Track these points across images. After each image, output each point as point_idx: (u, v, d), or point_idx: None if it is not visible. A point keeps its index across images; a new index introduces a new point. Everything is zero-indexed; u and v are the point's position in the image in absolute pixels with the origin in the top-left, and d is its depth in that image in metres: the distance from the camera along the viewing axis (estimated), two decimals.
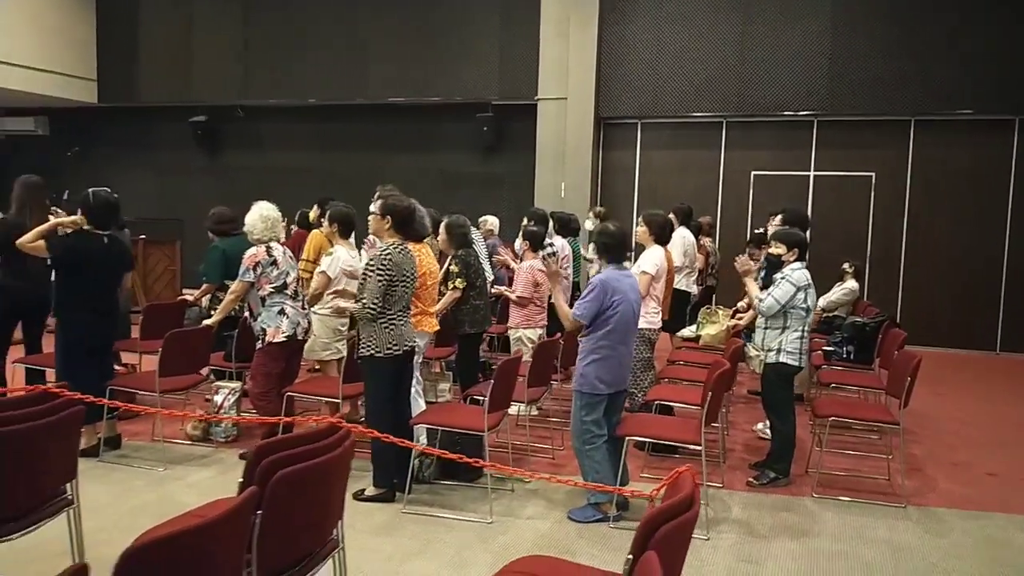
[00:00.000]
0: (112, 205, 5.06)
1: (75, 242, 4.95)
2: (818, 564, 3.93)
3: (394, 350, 4.48)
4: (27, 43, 12.13)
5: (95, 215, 4.98)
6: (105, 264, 5.00)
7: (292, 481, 2.35)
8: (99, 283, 5.00)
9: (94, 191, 5.03)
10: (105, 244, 4.99)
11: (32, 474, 2.86)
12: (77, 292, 4.89)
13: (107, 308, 5.09)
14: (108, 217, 5.07)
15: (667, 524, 2.04)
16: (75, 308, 4.91)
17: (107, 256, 5.03)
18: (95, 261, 4.93)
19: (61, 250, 4.86)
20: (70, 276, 4.93)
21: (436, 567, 3.74)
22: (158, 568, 1.91)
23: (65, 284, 4.96)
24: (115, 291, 5.15)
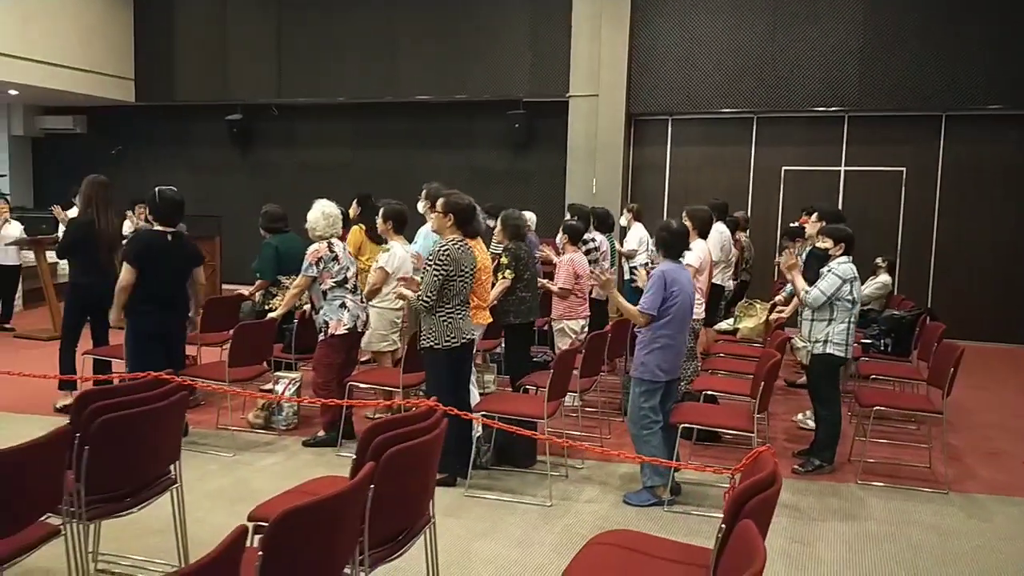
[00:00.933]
0: (176, 203, 5.28)
1: (141, 241, 5.19)
2: (868, 546, 4.10)
3: (452, 342, 4.68)
4: (68, 44, 12.42)
5: (160, 213, 5.21)
6: (168, 260, 5.21)
7: (401, 458, 2.56)
8: (163, 278, 5.21)
9: (160, 190, 5.25)
10: (169, 241, 5.21)
11: (147, 454, 3.09)
12: (143, 287, 5.09)
13: (171, 301, 5.31)
14: (173, 215, 5.30)
15: (755, 498, 2.23)
16: (141, 301, 5.12)
17: (171, 252, 5.25)
18: (159, 257, 5.14)
19: (131, 252, 5.10)
20: (139, 270, 5.15)
21: (504, 546, 3.95)
22: (304, 529, 2.12)
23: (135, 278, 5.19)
24: (181, 285, 5.35)
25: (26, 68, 11.76)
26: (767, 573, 3.62)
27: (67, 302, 6.12)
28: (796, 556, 3.95)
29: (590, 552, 2.65)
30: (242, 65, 13.21)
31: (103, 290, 6.07)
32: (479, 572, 3.67)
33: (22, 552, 2.67)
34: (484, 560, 3.79)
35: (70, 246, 6.01)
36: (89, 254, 5.92)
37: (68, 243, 6.03)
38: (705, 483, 4.86)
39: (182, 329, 5.49)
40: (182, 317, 5.48)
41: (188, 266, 5.41)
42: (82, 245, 5.91)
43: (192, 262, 5.48)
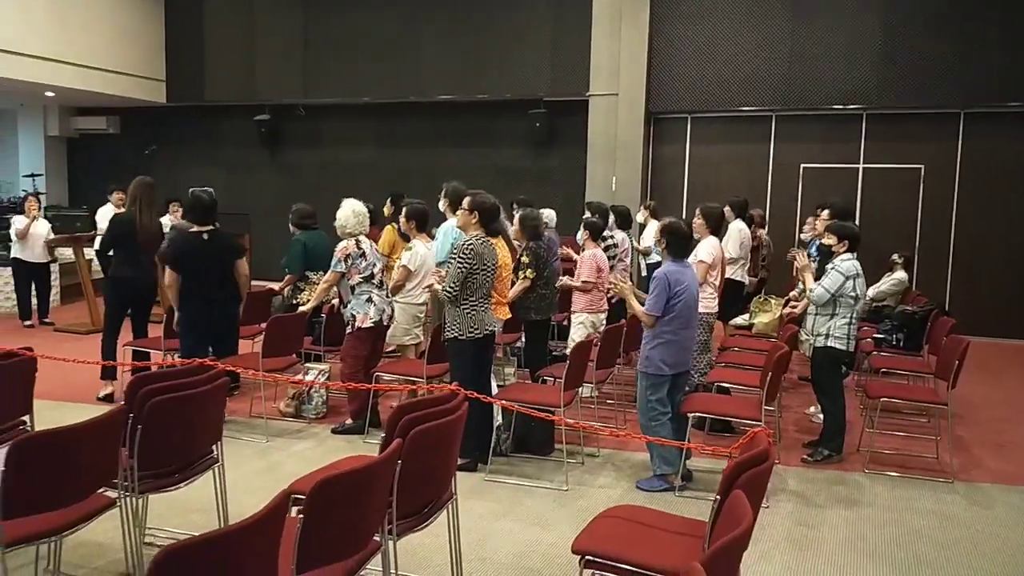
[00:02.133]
0: (209, 204, 5.57)
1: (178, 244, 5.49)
2: (870, 530, 4.28)
3: (475, 333, 4.92)
4: (103, 47, 12.82)
5: (195, 214, 5.50)
6: (206, 258, 5.50)
7: (425, 436, 2.80)
8: (202, 276, 5.51)
9: (193, 192, 5.56)
10: (205, 240, 5.49)
11: (192, 434, 3.36)
12: (186, 284, 5.40)
13: (214, 296, 5.62)
14: (204, 214, 5.58)
15: (748, 471, 2.44)
16: (187, 296, 5.44)
17: (208, 251, 5.54)
18: (196, 255, 5.43)
19: (169, 255, 5.40)
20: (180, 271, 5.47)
21: (523, 525, 4.19)
22: (339, 497, 2.37)
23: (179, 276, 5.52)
24: (223, 280, 5.65)
25: (63, 71, 12.16)
26: (772, 555, 3.85)
27: (108, 296, 6.44)
28: (801, 538, 4.14)
29: (598, 523, 2.87)
30: (270, 67, 13.53)
31: (142, 284, 6.43)
32: (498, 547, 3.91)
33: (82, 521, 2.95)
34: (503, 537, 4.03)
35: (112, 241, 6.32)
36: (130, 250, 6.24)
37: (110, 238, 6.35)
38: (716, 471, 5.04)
39: (232, 320, 5.80)
40: (231, 309, 5.78)
41: (228, 260, 5.69)
42: (123, 241, 6.23)
43: (232, 255, 5.77)
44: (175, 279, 5.34)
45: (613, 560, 2.58)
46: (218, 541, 1.93)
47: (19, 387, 3.82)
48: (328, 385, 5.79)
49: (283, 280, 6.90)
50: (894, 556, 3.97)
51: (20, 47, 11.36)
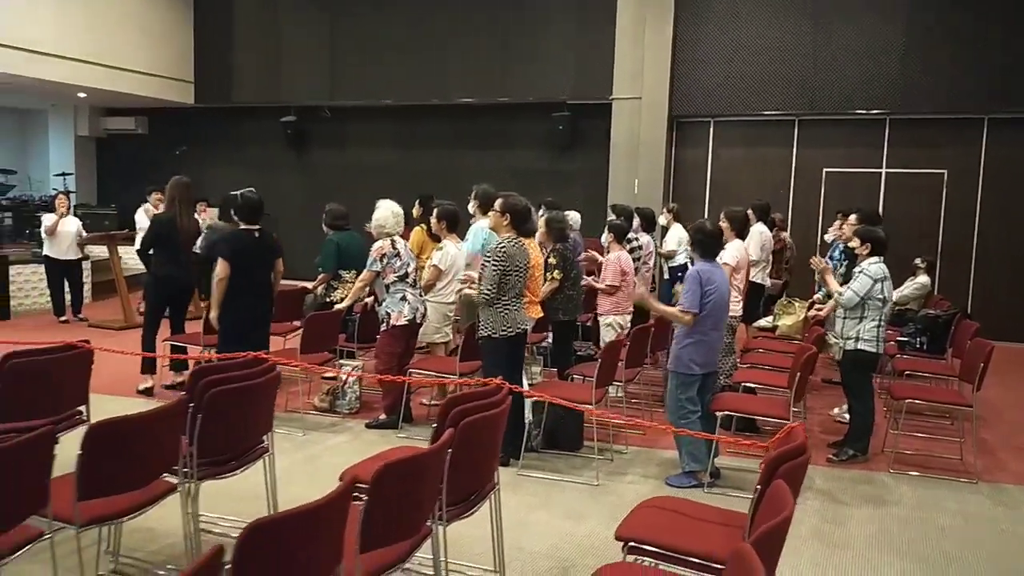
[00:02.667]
0: (257, 203, 5.74)
1: (233, 238, 5.65)
2: (896, 527, 4.38)
3: (508, 332, 5.06)
4: (134, 49, 13.08)
5: (244, 213, 5.66)
6: (255, 254, 5.66)
7: (474, 427, 2.94)
8: (251, 271, 5.67)
9: (243, 193, 5.71)
10: (256, 238, 5.66)
11: (248, 423, 3.52)
12: (235, 278, 5.54)
13: (259, 291, 5.78)
14: (255, 213, 5.75)
15: (787, 463, 2.55)
16: (234, 292, 5.57)
17: (257, 248, 5.71)
18: (248, 252, 5.60)
19: (227, 249, 5.54)
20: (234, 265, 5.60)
21: (556, 517, 4.32)
22: (400, 482, 2.51)
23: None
24: (267, 276, 5.82)
25: (95, 72, 12.42)
26: (800, 550, 3.95)
27: (148, 293, 6.63)
28: (828, 534, 4.25)
29: (640, 512, 3.00)
30: (296, 69, 13.75)
31: (181, 281, 6.62)
32: (534, 537, 4.04)
33: (147, 505, 3.11)
34: (539, 528, 4.16)
35: (153, 240, 6.51)
36: (170, 249, 6.43)
37: (151, 237, 6.54)
38: (742, 469, 5.16)
39: (268, 315, 5.96)
40: (269, 305, 5.95)
41: (272, 258, 5.87)
42: (164, 239, 6.42)
43: (275, 254, 5.95)
44: (226, 274, 5.46)
45: (656, 546, 2.71)
46: (302, 517, 2.08)
47: (78, 378, 4.00)
48: (365, 377, 5.91)
49: (317, 279, 7.06)
50: (921, 552, 4.07)
51: (55, 49, 11.63)
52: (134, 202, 11.22)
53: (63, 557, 3.14)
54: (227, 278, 5.53)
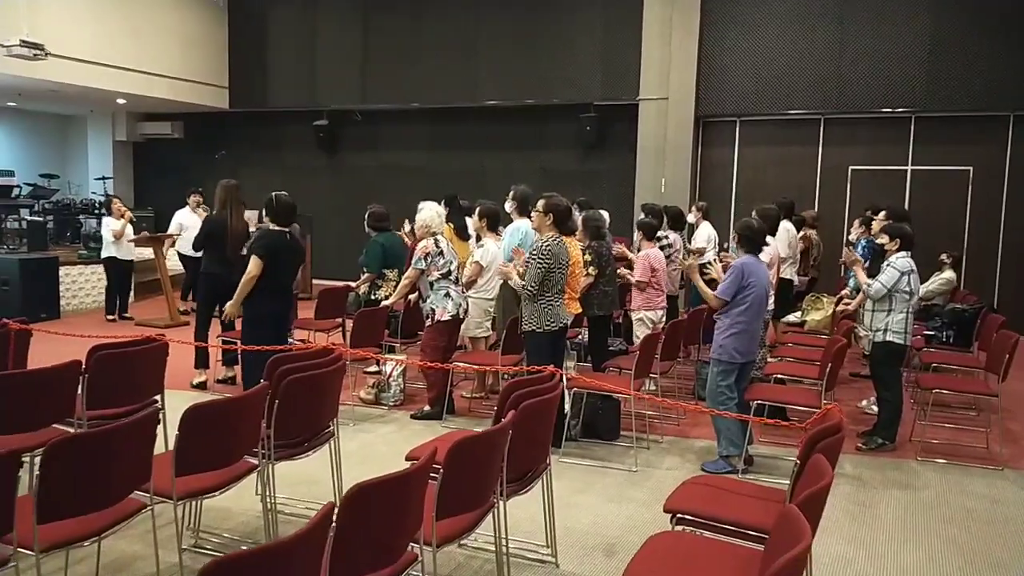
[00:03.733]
0: (290, 206, 5.99)
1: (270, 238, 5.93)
2: (923, 509, 4.59)
3: (551, 326, 5.32)
4: (171, 55, 13.47)
5: (278, 215, 5.92)
6: (286, 254, 5.92)
7: (532, 409, 3.20)
8: (282, 270, 5.93)
9: (277, 195, 5.96)
10: (287, 239, 5.94)
11: (318, 409, 3.81)
12: (266, 277, 5.78)
13: (286, 289, 6.07)
14: (289, 216, 6.02)
15: (825, 440, 2.79)
16: (263, 290, 5.83)
17: (288, 248, 5.98)
18: (280, 252, 5.86)
19: (261, 247, 5.81)
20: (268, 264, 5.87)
21: (600, 500, 4.57)
22: (470, 457, 2.78)
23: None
24: (294, 276, 6.10)
25: (134, 78, 12.83)
26: (832, 529, 4.17)
27: (200, 291, 6.95)
28: (858, 515, 4.47)
29: (686, 488, 3.24)
30: (328, 74, 14.08)
31: (231, 280, 6.89)
32: (580, 517, 4.30)
33: (232, 482, 3.40)
34: (582, 509, 4.42)
35: (204, 241, 6.84)
36: (220, 249, 6.75)
37: (203, 238, 6.86)
38: (775, 456, 5.38)
39: (288, 314, 6.25)
40: (290, 304, 6.23)
41: (299, 260, 6.15)
42: (215, 240, 6.74)
43: (301, 256, 6.22)
44: (257, 272, 5.70)
45: (703, 517, 2.95)
46: (397, 481, 2.35)
47: (155, 369, 4.31)
48: (416, 364, 6.11)
49: (362, 278, 7.35)
50: (947, 532, 4.28)
51: (97, 57, 12.04)
52: (170, 204, 11.61)
53: (154, 530, 3.44)
54: (257, 276, 5.74)
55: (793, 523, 2.07)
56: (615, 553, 3.89)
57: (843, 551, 4.01)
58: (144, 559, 3.68)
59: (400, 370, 6.59)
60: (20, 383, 3.68)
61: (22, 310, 9.28)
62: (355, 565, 2.28)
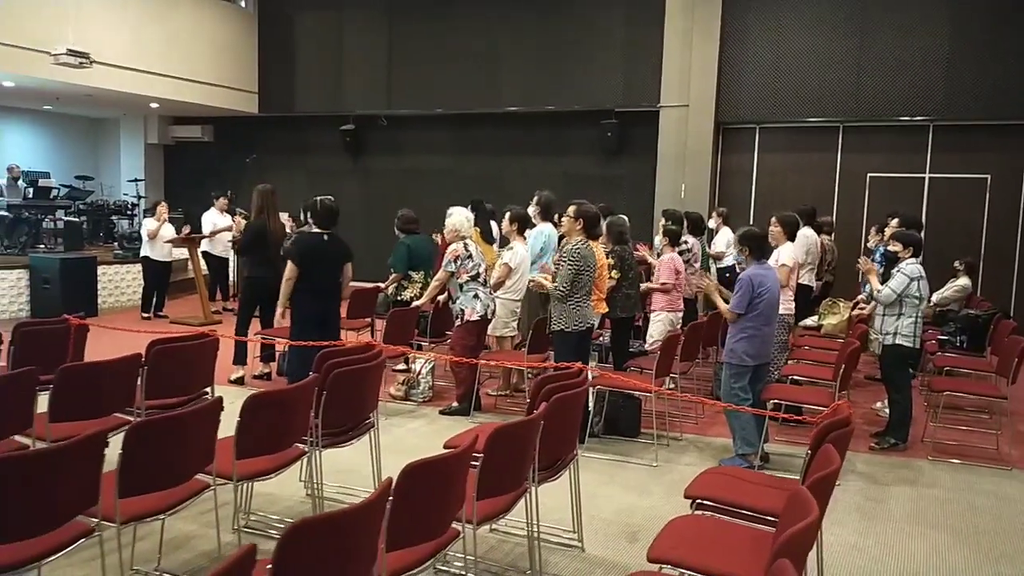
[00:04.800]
0: (332, 210, 6.26)
1: (304, 242, 6.21)
2: (933, 505, 4.80)
3: (579, 326, 5.59)
4: (203, 61, 13.85)
5: (319, 218, 6.19)
6: (325, 257, 6.18)
7: (562, 401, 3.46)
8: (320, 273, 6.19)
9: (320, 199, 6.23)
10: (325, 241, 6.19)
11: (360, 400, 4.08)
12: (304, 279, 6.05)
13: (327, 291, 6.31)
14: (329, 219, 6.29)
15: (834, 432, 3.02)
16: (303, 292, 6.10)
17: (326, 251, 6.24)
18: (317, 255, 6.12)
19: (295, 251, 6.10)
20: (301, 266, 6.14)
21: (622, 491, 4.82)
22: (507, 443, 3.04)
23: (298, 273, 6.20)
24: (335, 278, 6.33)
25: (167, 84, 13.22)
26: (844, 521, 4.40)
27: (242, 292, 7.27)
28: (870, 510, 4.68)
29: (704, 477, 3.48)
30: (355, 80, 14.42)
31: (272, 282, 7.18)
32: (604, 507, 4.55)
33: (284, 466, 3.68)
34: (606, 499, 4.67)
35: (246, 245, 7.15)
36: (261, 252, 7.06)
37: (245, 242, 7.18)
38: (790, 454, 5.60)
39: (337, 314, 6.52)
40: (337, 304, 6.50)
41: (340, 262, 6.40)
42: (256, 244, 7.05)
43: (343, 259, 6.48)
44: (294, 275, 5.98)
45: (720, 502, 3.19)
46: (446, 462, 2.62)
47: (207, 362, 4.61)
48: (447, 358, 6.37)
49: (389, 279, 7.64)
50: (955, 526, 4.49)
51: (133, 63, 12.43)
52: (200, 206, 11.97)
53: (216, 509, 3.73)
54: (295, 278, 6.01)
55: (802, 501, 2.31)
56: (637, 539, 4.14)
57: (854, 541, 4.23)
58: (199, 537, 3.97)
59: (429, 368, 6.87)
60: (87, 374, 3.98)
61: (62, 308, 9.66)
62: (408, 534, 2.55)
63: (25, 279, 10.42)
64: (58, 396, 3.77)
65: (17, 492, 2.58)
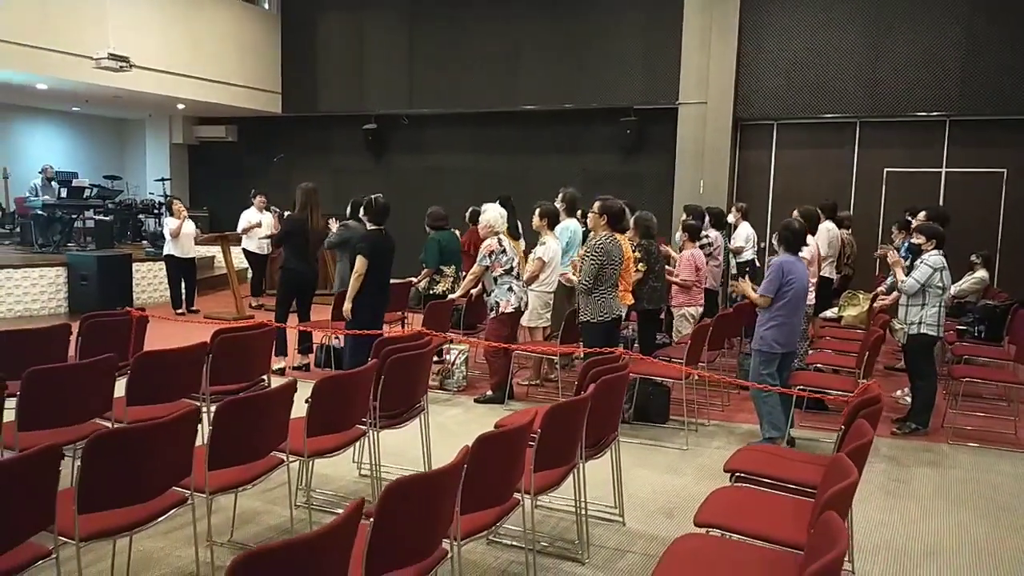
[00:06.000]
0: (386, 207, 6.55)
1: (370, 238, 6.47)
2: (954, 484, 5.02)
3: (605, 317, 5.83)
4: (228, 62, 14.16)
5: (376, 215, 6.48)
6: (384, 251, 6.49)
7: (608, 384, 3.71)
8: (379, 266, 6.48)
9: (374, 197, 6.53)
10: (384, 236, 6.50)
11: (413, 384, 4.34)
12: (371, 272, 6.34)
13: (384, 283, 6.62)
14: (382, 216, 6.58)
15: (866, 409, 3.25)
16: (370, 284, 6.37)
17: (385, 245, 6.54)
18: (379, 249, 6.42)
19: (366, 247, 6.36)
20: (371, 261, 6.40)
21: (657, 473, 5.06)
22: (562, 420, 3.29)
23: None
24: (389, 271, 6.64)
25: (194, 85, 13.53)
26: (869, 500, 4.62)
27: (280, 285, 7.54)
28: (893, 489, 4.91)
29: (742, 453, 3.73)
30: (377, 80, 14.69)
31: (309, 275, 7.52)
32: (640, 486, 4.79)
33: (347, 445, 3.95)
34: (641, 479, 4.91)
35: (285, 237, 7.43)
36: (300, 245, 7.33)
37: (283, 235, 7.46)
38: (815, 439, 5.83)
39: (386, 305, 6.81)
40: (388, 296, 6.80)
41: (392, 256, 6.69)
42: (295, 238, 7.32)
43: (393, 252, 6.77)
44: (366, 269, 6.25)
45: (760, 476, 3.43)
46: (509, 435, 2.87)
47: (264, 351, 4.88)
48: (484, 344, 6.61)
49: (421, 273, 7.91)
50: (975, 503, 4.71)
51: (161, 65, 12.75)
52: (225, 204, 12.27)
53: (289, 484, 4.01)
54: (365, 273, 6.29)
55: (842, 465, 2.55)
56: (674, 516, 4.38)
57: (880, 517, 4.46)
58: (265, 513, 4.24)
59: (463, 359, 7.13)
60: (160, 361, 4.26)
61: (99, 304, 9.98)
62: (482, 499, 2.80)
63: (63, 276, 10.74)
64: (134, 381, 4.05)
65: (120, 463, 2.83)
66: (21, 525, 2.52)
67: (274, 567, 1.89)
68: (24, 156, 15.81)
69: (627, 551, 3.94)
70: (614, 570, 3.73)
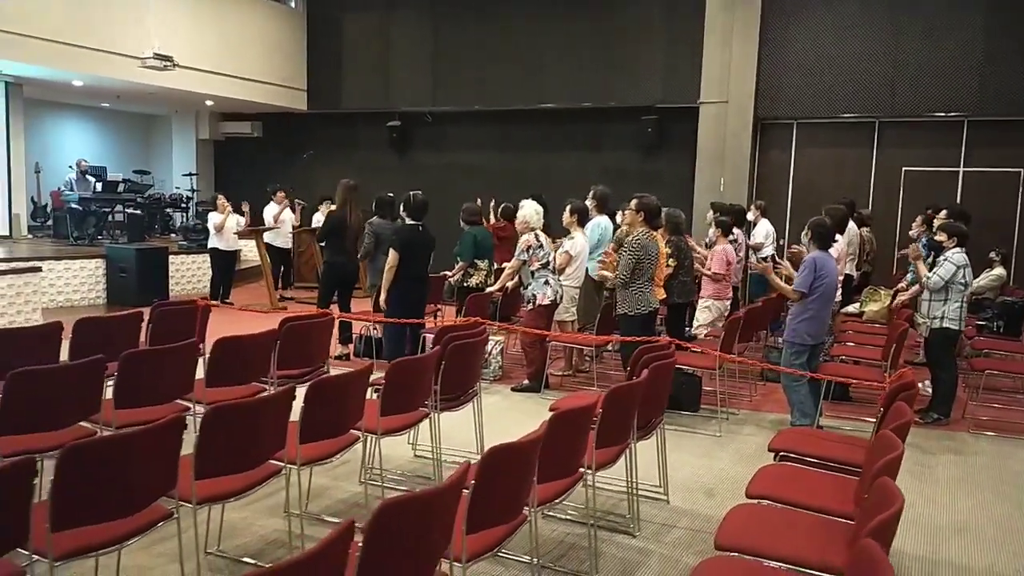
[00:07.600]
0: (424, 203, 6.86)
1: (402, 232, 6.78)
2: (976, 469, 5.30)
3: (642, 310, 6.11)
4: (255, 59, 14.45)
5: (414, 211, 6.79)
6: (420, 246, 6.80)
7: (659, 369, 3.99)
8: (413, 259, 6.80)
9: (413, 194, 6.85)
10: (420, 232, 6.80)
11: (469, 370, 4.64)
12: (403, 267, 6.68)
13: (420, 276, 6.93)
14: (420, 212, 6.88)
15: (903, 392, 3.53)
16: (402, 277, 6.72)
17: (421, 240, 6.84)
18: (415, 244, 6.74)
19: (398, 241, 6.67)
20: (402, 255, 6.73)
21: (693, 457, 5.35)
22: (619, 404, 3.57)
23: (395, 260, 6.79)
24: (427, 265, 6.96)
25: (222, 82, 13.84)
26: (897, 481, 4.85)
27: (323, 278, 7.86)
28: (918, 474, 5.18)
29: (784, 434, 4.01)
30: (401, 78, 14.97)
31: (349, 268, 7.83)
32: (679, 468, 5.06)
33: (412, 425, 4.24)
34: (679, 463, 5.19)
35: (327, 233, 7.74)
36: (340, 240, 7.64)
37: (325, 231, 7.77)
38: (841, 428, 6.10)
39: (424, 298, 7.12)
40: (425, 289, 7.10)
41: (430, 250, 7.00)
42: (335, 233, 7.63)
43: (431, 247, 7.07)
44: (395, 263, 6.60)
45: (804, 455, 3.71)
46: (581, 411, 3.16)
47: (324, 339, 5.18)
48: (524, 331, 6.87)
49: (456, 267, 8.19)
50: (996, 487, 4.99)
51: (191, 62, 13.03)
52: (249, 200, 12.54)
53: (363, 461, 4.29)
54: (396, 266, 6.61)
55: (890, 440, 2.83)
56: (715, 495, 4.67)
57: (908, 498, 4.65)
58: (333, 489, 4.54)
59: (499, 349, 7.42)
60: (236, 346, 4.55)
61: (137, 295, 10.33)
62: (553, 471, 3.09)
63: (102, 268, 11.07)
64: (214, 365, 4.35)
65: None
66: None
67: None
68: (54, 151, 16.16)
69: (674, 526, 4.22)
70: (664, 543, 4.02)
